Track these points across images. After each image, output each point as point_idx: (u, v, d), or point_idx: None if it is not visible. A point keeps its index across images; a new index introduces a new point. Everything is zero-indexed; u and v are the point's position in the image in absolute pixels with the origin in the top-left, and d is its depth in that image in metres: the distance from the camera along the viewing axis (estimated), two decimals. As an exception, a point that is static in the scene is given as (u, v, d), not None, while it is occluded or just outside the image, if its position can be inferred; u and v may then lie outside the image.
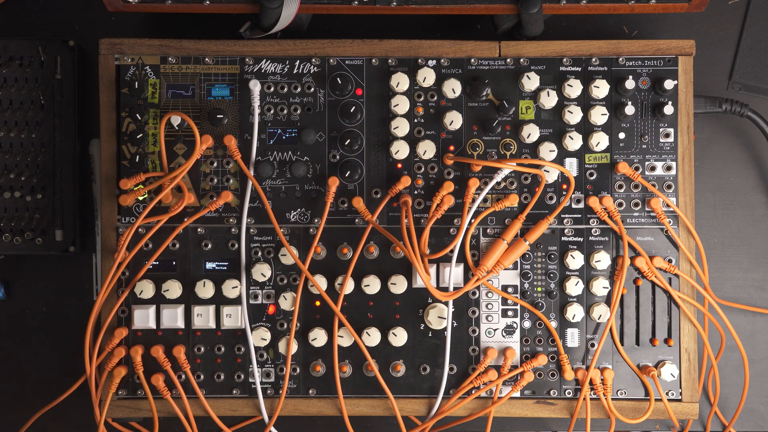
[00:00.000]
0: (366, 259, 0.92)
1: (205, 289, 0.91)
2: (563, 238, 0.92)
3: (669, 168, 0.92)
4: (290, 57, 0.92)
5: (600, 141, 0.91)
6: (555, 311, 0.92)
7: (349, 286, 0.91)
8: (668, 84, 0.90)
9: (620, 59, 0.92)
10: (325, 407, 0.92)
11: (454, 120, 0.91)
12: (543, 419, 0.98)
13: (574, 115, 0.91)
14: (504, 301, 0.92)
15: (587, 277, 0.92)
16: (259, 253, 0.92)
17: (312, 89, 0.92)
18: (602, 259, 0.91)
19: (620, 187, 0.92)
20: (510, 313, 0.92)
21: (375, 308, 0.92)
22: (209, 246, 0.92)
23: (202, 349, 0.92)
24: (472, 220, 0.91)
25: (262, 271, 0.91)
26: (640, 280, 0.92)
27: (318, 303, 0.92)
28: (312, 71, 0.92)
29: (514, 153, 0.92)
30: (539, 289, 0.92)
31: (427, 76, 0.91)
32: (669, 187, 0.92)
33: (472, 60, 0.92)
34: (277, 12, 0.87)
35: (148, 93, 0.92)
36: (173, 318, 0.91)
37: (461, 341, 0.92)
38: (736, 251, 1.01)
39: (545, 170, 0.91)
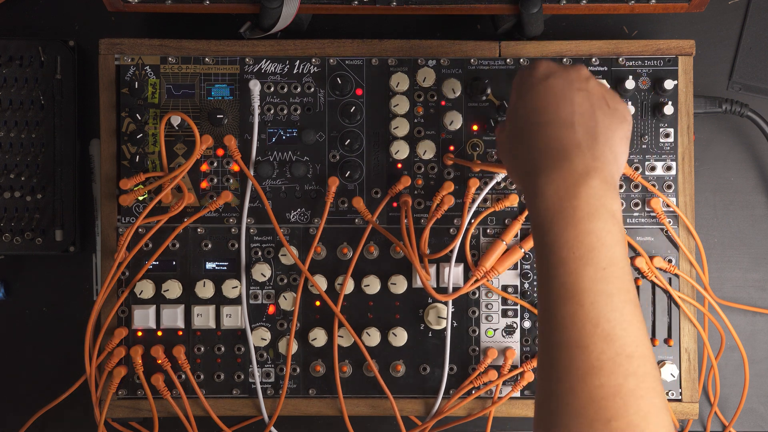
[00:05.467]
0: (366, 259, 0.92)
1: (205, 289, 0.91)
2: (563, 238, 0.92)
3: (669, 168, 0.92)
4: (290, 57, 0.92)
5: (600, 141, 0.91)
6: (555, 311, 0.92)
7: (349, 286, 0.91)
8: (668, 84, 0.90)
9: (620, 59, 0.92)
10: (325, 407, 0.92)
11: (454, 120, 0.91)
12: (543, 419, 0.98)
13: (574, 115, 0.91)
14: (504, 301, 0.92)
15: (587, 277, 0.92)
16: (259, 253, 0.92)
17: (312, 89, 0.92)
18: (602, 259, 0.91)
19: (620, 187, 0.92)
20: (510, 313, 0.92)
21: (375, 308, 0.92)
22: (209, 246, 0.92)
23: (202, 349, 0.92)
24: (472, 220, 0.91)
25: (262, 271, 0.91)
26: (640, 280, 0.92)
27: (318, 303, 0.92)
28: (312, 71, 0.92)
29: (514, 153, 0.92)
30: (539, 289, 0.92)
31: (427, 76, 0.91)
32: (669, 187, 0.92)
33: (472, 60, 0.92)
34: (277, 12, 0.87)
35: (148, 93, 0.92)
36: (173, 318, 0.91)
37: (461, 341, 0.92)
38: (736, 251, 1.01)
39: (545, 170, 0.91)
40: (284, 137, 0.92)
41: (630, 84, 0.90)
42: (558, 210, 0.63)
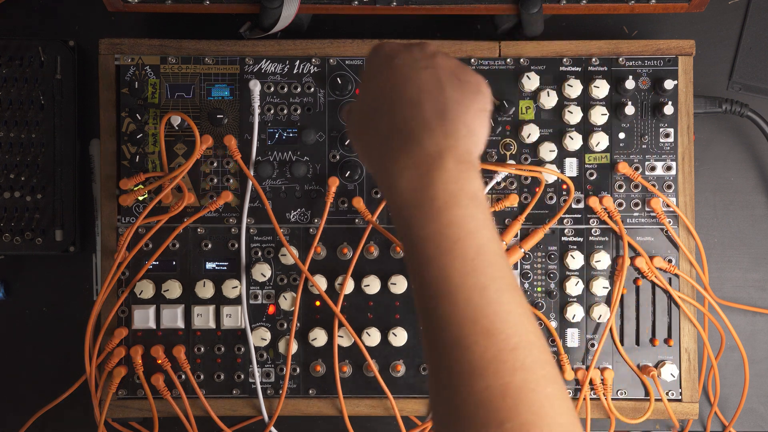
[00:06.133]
0: (366, 259, 0.92)
1: (205, 289, 0.91)
2: (563, 238, 0.92)
3: (669, 168, 0.92)
4: (290, 57, 0.92)
5: (600, 141, 0.91)
6: (555, 311, 0.92)
7: (349, 286, 0.91)
8: (668, 84, 0.90)
9: (620, 59, 0.92)
10: (325, 407, 0.92)
11: (454, 120, 0.91)
12: (543, 419, 0.98)
13: (574, 115, 0.91)
14: (504, 301, 0.92)
15: (587, 277, 0.92)
16: (259, 253, 0.92)
17: (312, 89, 0.92)
18: (602, 259, 0.91)
19: (620, 187, 0.92)
20: (510, 313, 0.92)
21: (375, 308, 0.92)
22: (209, 246, 0.92)
23: (202, 349, 0.92)
24: (472, 220, 0.91)
25: (262, 271, 0.91)
26: (640, 280, 0.92)
27: (318, 303, 0.92)
28: (312, 71, 0.92)
29: (514, 153, 0.92)
30: (539, 289, 0.92)
31: (427, 76, 0.91)
32: (669, 187, 0.92)
33: (472, 60, 0.92)
34: (277, 12, 0.87)
35: (148, 93, 0.92)
36: (173, 318, 0.91)
37: (461, 341, 0.92)
38: (736, 251, 1.01)
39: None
40: (284, 137, 0.92)
41: (630, 84, 0.90)
42: (415, 202, 0.58)
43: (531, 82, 0.91)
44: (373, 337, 0.91)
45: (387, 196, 0.61)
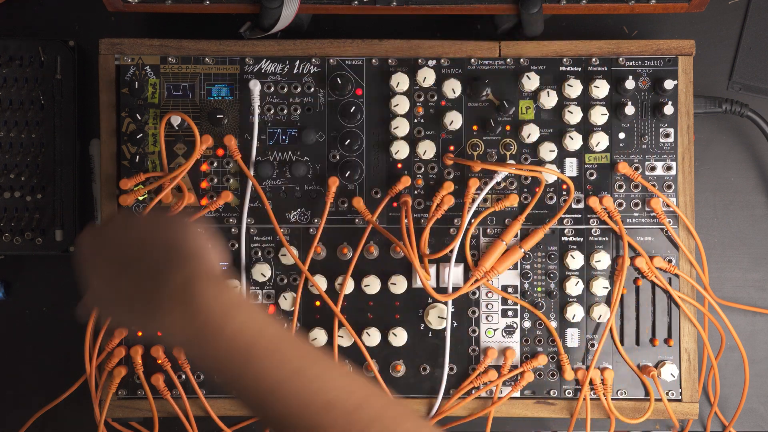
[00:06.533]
0: (366, 259, 0.92)
1: (205, 289, 0.91)
2: (563, 238, 0.92)
3: (669, 168, 0.92)
4: (290, 57, 0.92)
5: (600, 141, 0.91)
6: (555, 311, 0.92)
7: (349, 286, 0.91)
8: (668, 84, 0.90)
9: (620, 59, 0.92)
10: (325, 407, 0.92)
11: (454, 120, 0.91)
12: (543, 419, 0.98)
13: (574, 115, 0.91)
14: (504, 301, 0.92)
15: (587, 277, 0.92)
16: (259, 253, 0.92)
17: (312, 89, 0.92)
18: (602, 259, 0.91)
19: (620, 187, 0.92)
20: (510, 313, 0.92)
21: (375, 308, 0.92)
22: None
23: (202, 349, 0.92)
24: (472, 220, 0.91)
25: (262, 271, 0.91)
26: (640, 280, 0.92)
27: (318, 303, 0.92)
28: (312, 71, 0.92)
29: (514, 153, 0.92)
30: (539, 289, 0.92)
31: (427, 76, 0.91)
32: (669, 187, 0.92)
33: (472, 60, 0.92)
34: (277, 12, 0.87)
35: (148, 93, 0.92)
36: (173, 318, 0.91)
37: (461, 341, 0.92)
38: (736, 251, 1.01)
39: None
40: (284, 137, 0.92)
41: (630, 84, 0.90)
42: (195, 335, 0.59)
43: (531, 82, 0.91)
44: (373, 337, 0.91)
45: (169, 342, 0.66)
